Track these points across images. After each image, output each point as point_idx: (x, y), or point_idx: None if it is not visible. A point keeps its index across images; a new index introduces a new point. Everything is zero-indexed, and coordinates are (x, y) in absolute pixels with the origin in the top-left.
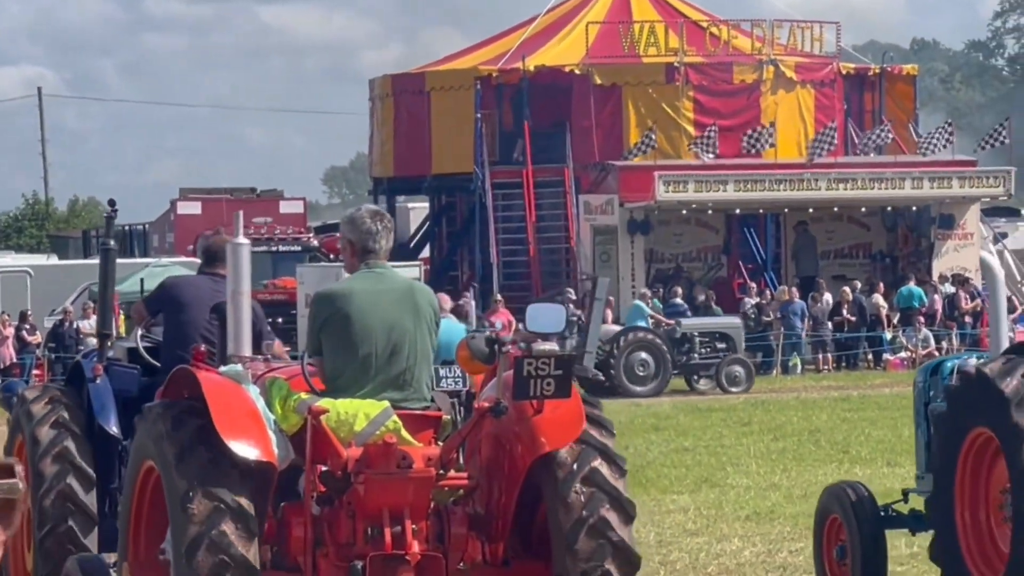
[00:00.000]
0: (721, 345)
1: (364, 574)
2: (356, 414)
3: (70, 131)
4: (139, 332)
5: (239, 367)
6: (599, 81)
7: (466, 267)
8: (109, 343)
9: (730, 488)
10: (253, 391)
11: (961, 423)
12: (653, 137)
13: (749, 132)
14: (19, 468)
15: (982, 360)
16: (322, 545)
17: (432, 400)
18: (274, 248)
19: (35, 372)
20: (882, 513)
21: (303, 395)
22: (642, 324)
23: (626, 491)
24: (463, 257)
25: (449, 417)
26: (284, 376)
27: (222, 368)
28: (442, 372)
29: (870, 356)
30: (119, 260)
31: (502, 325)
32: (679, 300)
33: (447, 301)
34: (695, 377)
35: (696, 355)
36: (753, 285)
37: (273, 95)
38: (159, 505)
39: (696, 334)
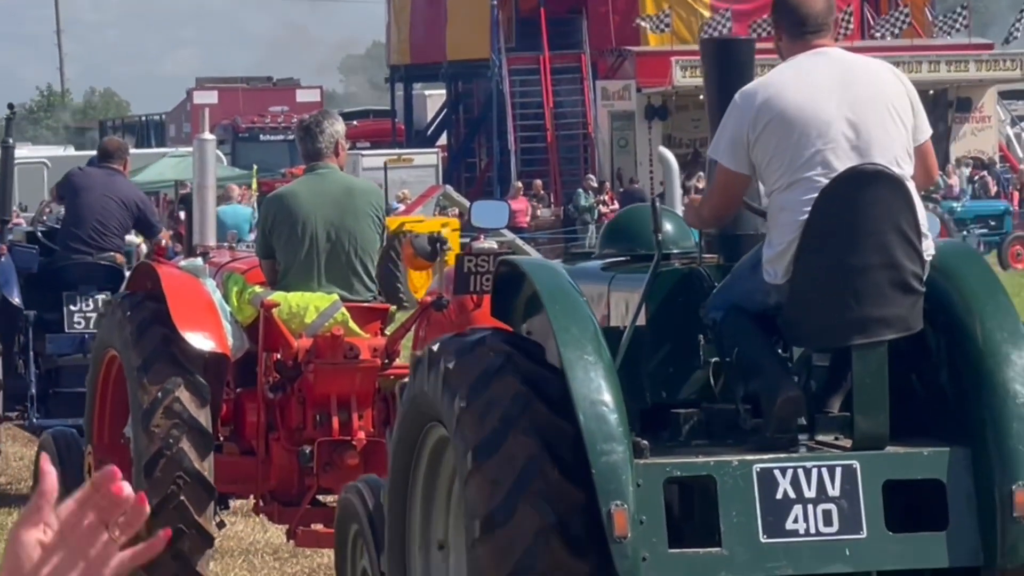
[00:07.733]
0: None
1: (312, 458)
2: (307, 307)
3: (86, 22)
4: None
5: (198, 261)
6: None
7: (483, 154)
8: (9, 228)
9: None
10: (210, 284)
11: None
12: (669, 15)
13: (765, 17)
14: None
15: None
16: (274, 429)
17: (379, 292)
18: (291, 137)
19: None
20: None
21: (257, 288)
22: None
23: None
24: (480, 144)
25: (395, 309)
26: (243, 268)
27: (182, 262)
28: None
29: None
30: (136, 150)
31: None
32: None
33: None
34: None
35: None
36: None
37: None
38: (121, 393)
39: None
